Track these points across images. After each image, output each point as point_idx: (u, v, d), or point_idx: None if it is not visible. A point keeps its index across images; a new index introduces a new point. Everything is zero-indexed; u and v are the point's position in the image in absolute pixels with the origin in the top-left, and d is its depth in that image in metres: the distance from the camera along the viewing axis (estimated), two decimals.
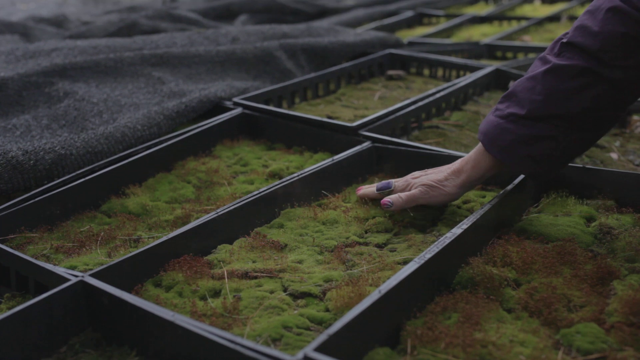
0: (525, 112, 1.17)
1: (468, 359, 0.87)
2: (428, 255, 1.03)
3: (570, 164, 1.36)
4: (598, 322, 0.96)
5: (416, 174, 1.34)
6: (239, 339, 0.84)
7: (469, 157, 1.28)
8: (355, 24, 3.49)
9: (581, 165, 1.35)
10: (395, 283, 0.95)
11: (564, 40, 1.17)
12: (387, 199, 1.30)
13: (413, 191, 1.29)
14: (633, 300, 0.97)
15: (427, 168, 1.53)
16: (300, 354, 0.81)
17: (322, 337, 0.83)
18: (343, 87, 2.23)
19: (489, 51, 2.82)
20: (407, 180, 1.34)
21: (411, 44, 2.83)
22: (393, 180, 1.35)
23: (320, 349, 0.81)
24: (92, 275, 1.03)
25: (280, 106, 1.99)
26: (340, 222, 1.31)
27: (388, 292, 0.93)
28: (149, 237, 1.29)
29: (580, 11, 3.79)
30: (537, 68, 1.20)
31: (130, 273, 1.10)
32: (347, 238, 1.26)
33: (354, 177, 1.52)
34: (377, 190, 1.35)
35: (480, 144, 1.26)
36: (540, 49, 2.67)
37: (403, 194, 1.30)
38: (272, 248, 1.22)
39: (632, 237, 1.17)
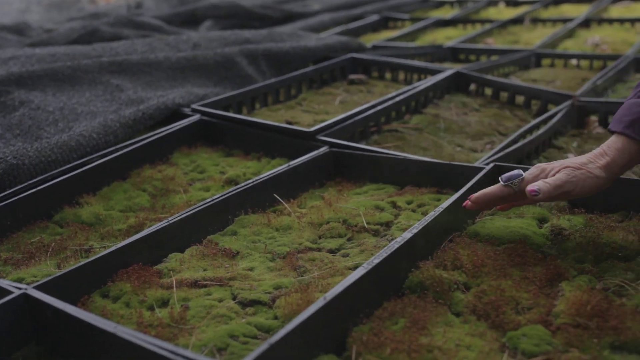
0: None
1: None
2: (376, 261, 1.02)
3: (524, 165, 1.36)
4: (545, 324, 0.96)
5: (543, 165, 1.18)
6: (180, 350, 0.83)
7: (612, 142, 1.16)
8: (321, 28, 3.48)
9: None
10: (341, 289, 0.94)
11: None
12: (533, 186, 1.11)
13: (558, 175, 1.12)
14: (580, 301, 0.98)
15: (386, 172, 1.50)
16: None
17: (263, 347, 0.81)
18: (304, 92, 2.23)
19: (453, 54, 2.83)
20: (539, 168, 1.17)
21: (375, 47, 2.84)
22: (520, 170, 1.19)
23: (261, 359, 0.80)
24: (36, 287, 1.01)
25: (240, 112, 1.97)
26: (294, 228, 1.30)
27: (334, 299, 0.92)
28: (100, 247, 1.27)
29: (544, 13, 3.82)
30: None
31: (77, 284, 1.08)
32: (300, 244, 1.25)
33: (310, 183, 1.52)
34: (504, 181, 1.16)
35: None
36: (503, 52, 2.68)
37: (548, 180, 1.12)
38: (223, 256, 1.20)
39: (583, 237, 1.17)
